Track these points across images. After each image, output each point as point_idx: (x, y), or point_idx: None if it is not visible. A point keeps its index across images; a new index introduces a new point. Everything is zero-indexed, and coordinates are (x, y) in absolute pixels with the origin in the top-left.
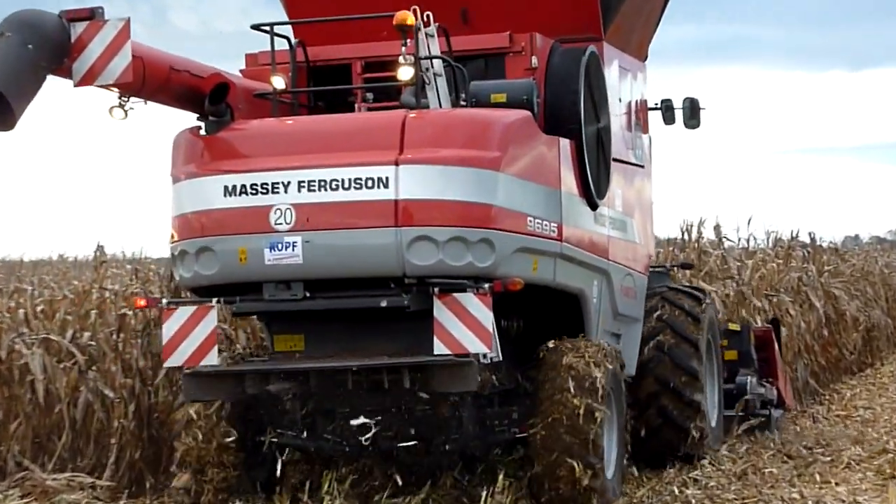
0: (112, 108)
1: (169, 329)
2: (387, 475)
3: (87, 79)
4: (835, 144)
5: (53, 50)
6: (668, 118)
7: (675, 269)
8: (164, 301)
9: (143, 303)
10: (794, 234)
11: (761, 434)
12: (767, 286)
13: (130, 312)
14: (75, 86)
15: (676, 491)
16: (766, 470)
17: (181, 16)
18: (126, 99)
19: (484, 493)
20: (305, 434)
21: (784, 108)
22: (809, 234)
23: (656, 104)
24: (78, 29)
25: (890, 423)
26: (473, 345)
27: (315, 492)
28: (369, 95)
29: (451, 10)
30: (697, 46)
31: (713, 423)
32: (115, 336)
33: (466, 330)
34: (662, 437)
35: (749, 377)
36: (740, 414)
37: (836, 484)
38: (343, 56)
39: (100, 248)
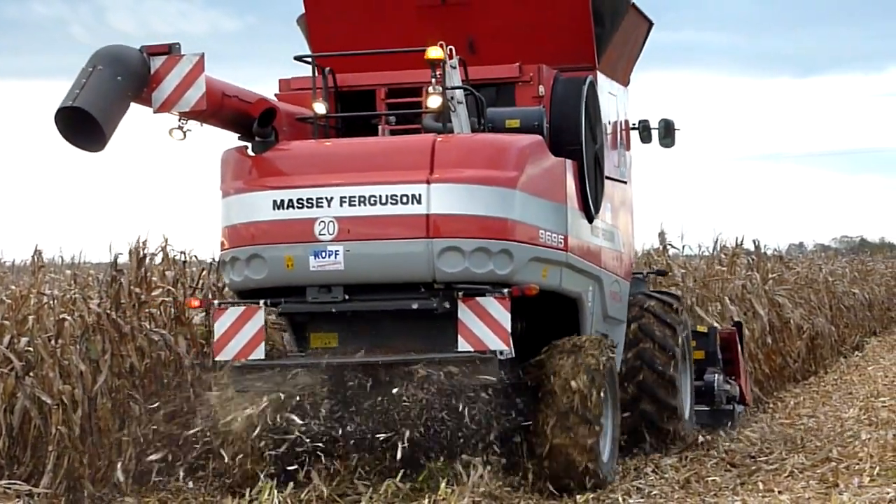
0: (172, 129)
1: (220, 327)
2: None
3: (165, 106)
4: (783, 151)
5: (138, 81)
6: (645, 137)
7: (651, 275)
8: (216, 302)
9: (196, 303)
10: (738, 242)
11: (725, 427)
12: (712, 294)
13: (69, 318)
14: (154, 112)
15: (620, 499)
16: (710, 478)
17: (120, 17)
18: (185, 122)
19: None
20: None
21: (733, 115)
22: (754, 241)
23: (634, 125)
24: (157, 62)
25: (833, 431)
26: (493, 343)
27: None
28: (392, 119)
29: (459, 40)
30: (649, 52)
31: (686, 416)
32: (53, 342)
33: (487, 330)
34: (642, 436)
35: (716, 375)
36: (708, 408)
37: (780, 492)
38: (368, 83)
39: (37, 252)
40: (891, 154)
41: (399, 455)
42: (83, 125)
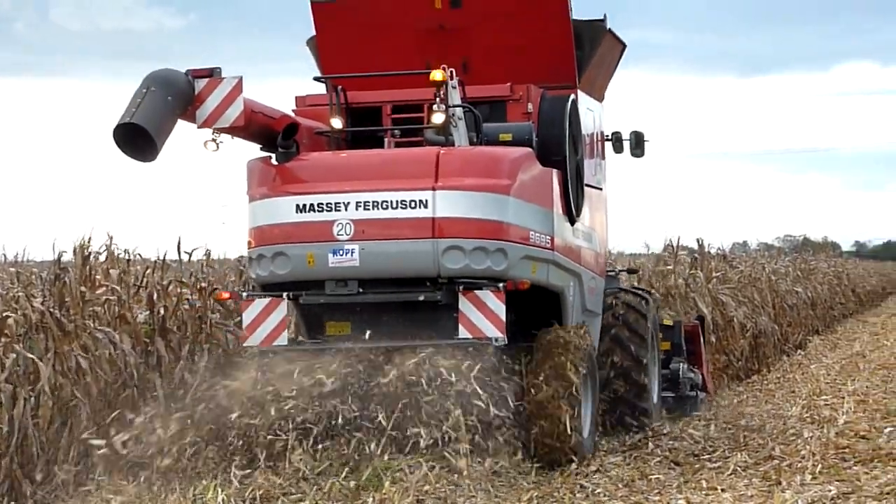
0: (206, 141)
1: (248, 316)
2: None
3: (208, 122)
4: (730, 150)
5: (184, 100)
6: (617, 148)
7: (623, 272)
8: (244, 294)
9: (226, 295)
10: (678, 241)
11: (688, 413)
12: (655, 292)
13: (13, 315)
14: (198, 128)
15: (565, 498)
16: (653, 476)
17: (64, 14)
18: (218, 134)
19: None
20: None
21: (680, 113)
22: (697, 240)
23: (607, 136)
24: (200, 84)
25: (776, 429)
26: (490, 331)
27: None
28: (397, 132)
29: (454, 61)
30: None
31: (654, 400)
32: None
33: (485, 319)
34: (615, 413)
35: (681, 364)
36: (673, 395)
37: (723, 490)
38: (375, 100)
39: None
40: (834, 154)
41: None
42: (138, 139)
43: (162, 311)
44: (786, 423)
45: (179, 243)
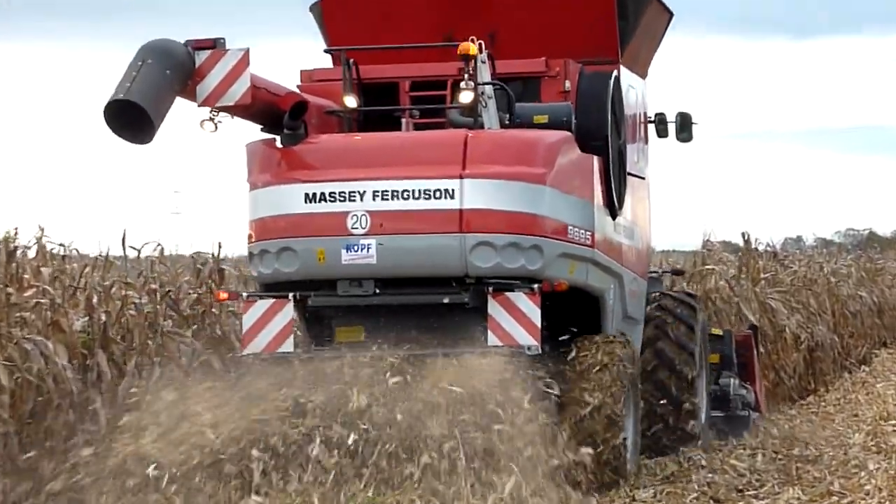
0: (203, 121)
1: (248, 319)
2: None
3: (210, 100)
4: (774, 129)
5: (184, 75)
6: (662, 131)
7: (667, 274)
8: (245, 294)
9: (225, 296)
10: (718, 236)
11: (738, 435)
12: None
13: None
14: (199, 106)
15: None
16: None
17: None
18: (216, 114)
19: None
20: None
21: (716, 85)
22: (743, 234)
23: (650, 118)
24: (202, 56)
25: (835, 460)
26: (523, 338)
27: None
28: (416, 112)
29: (480, 32)
30: None
31: (702, 421)
32: None
33: (517, 325)
34: (659, 438)
35: (731, 379)
36: (722, 414)
37: None
38: (392, 75)
39: None
40: None
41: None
42: (132, 118)
43: (103, 318)
44: (847, 453)
45: (124, 237)
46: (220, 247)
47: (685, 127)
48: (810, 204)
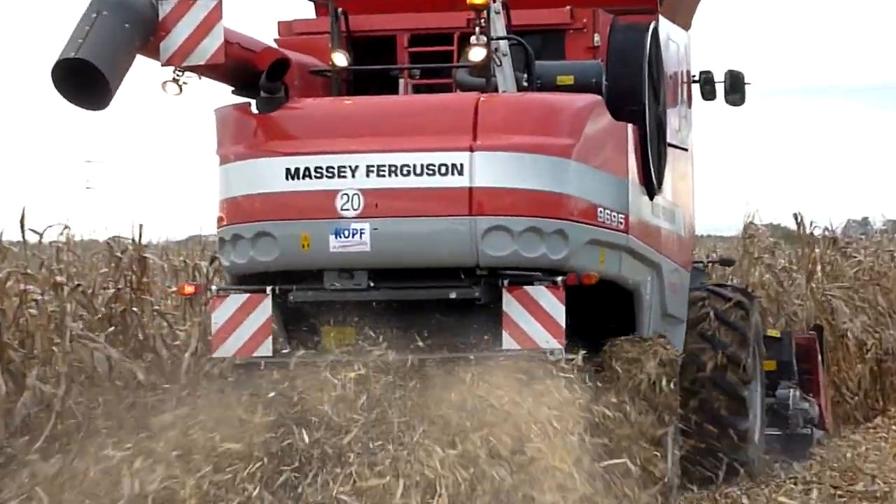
0: (166, 82)
1: (219, 318)
2: None
3: (176, 58)
4: (835, 83)
5: (145, 28)
6: (708, 93)
7: (714, 264)
8: (214, 288)
9: (191, 289)
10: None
11: (799, 457)
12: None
13: None
14: (162, 65)
15: None
16: None
17: None
18: (181, 74)
19: None
20: None
21: (762, 31)
22: (795, 216)
23: (695, 77)
24: (166, 7)
25: None
26: (545, 340)
27: None
28: (416, 72)
29: None
30: None
31: (756, 441)
32: None
33: (537, 324)
34: (703, 464)
35: (791, 390)
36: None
37: None
38: (387, 27)
39: None
40: None
41: None
42: (85, 80)
43: None
44: None
45: (23, 217)
46: (141, 230)
47: (736, 87)
48: (879, 178)
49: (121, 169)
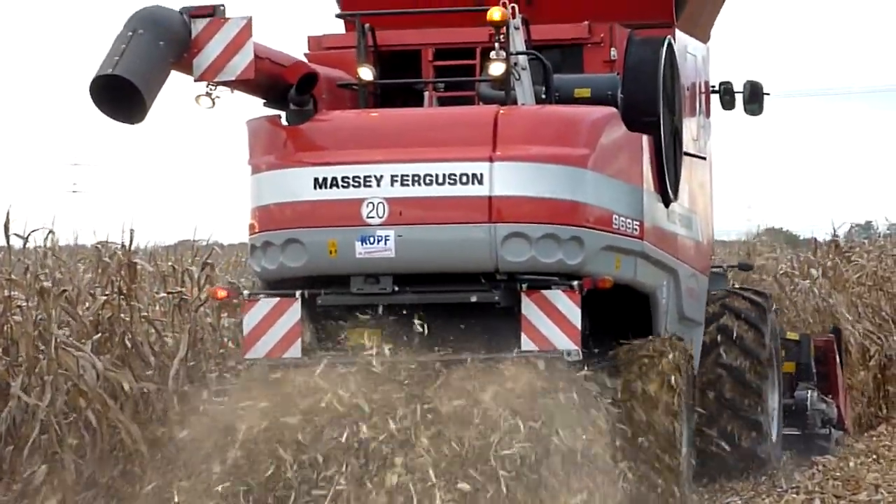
0: (199, 96)
1: (250, 321)
2: None
3: (209, 74)
4: (836, 85)
5: (179, 46)
6: (728, 103)
7: (733, 269)
8: (246, 292)
9: (223, 294)
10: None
11: (817, 456)
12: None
13: None
14: (195, 80)
15: None
16: None
17: None
18: (213, 88)
19: None
20: None
21: (770, 30)
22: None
23: (714, 87)
24: (199, 25)
25: None
26: (562, 342)
27: None
28: (440, 85)
29: None
30: None
31: (773, 440)
32: None
33: (555, 327)
34: (722, 458)
35: (809, 392)
36: (798, 432)
37: None
38: (413, 42)
39: None
40: None
41: None
42: (122, 95)
43: None
44: None
45: (7, 221)
46: (131, 235)
47: (755, 97)
48: (883, 180)
49: (109, 172)
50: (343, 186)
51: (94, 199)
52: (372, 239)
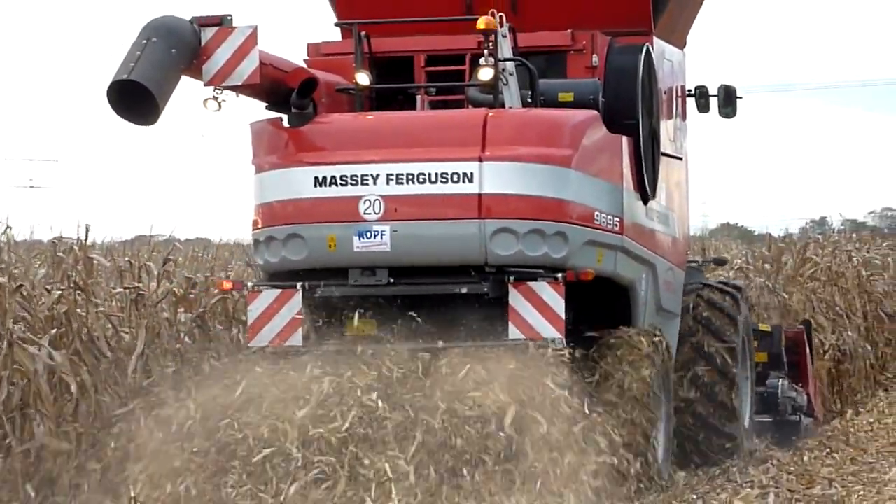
0: (206, 100)
1: (254, 311)
2: None
3: (217, 79)
4: (791, 80)
5: (190, 53)
6: (703, 106)
7: (708, 264)
8: (250, 284)
9: (228, 285)
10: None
11: (788, 441)
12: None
13: None
14: (204, 85)
15: None
16: None
17: None
18: (220, 92)
19: None
20: None
21: (724, 28)
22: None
23: (690, 91)
24: (208, 34)
25: (866, 501)
26: (546, 330)
27: None
28: (432, 90)
29: (502, 3)
30: None
31: (746, 426)
32: None
33: (540, 317)
34: (697, 440)
35: (780, 380)
36: (770, 419)
37: None
38: (405, 49)
39: None
40: None
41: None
42: (136, 99)
43: None
44: (881, 493)
45: None
46: (87, 230)
47: (729, 101)
48: (836, 177)
49: (65, 168)
50: (342, 184)
51: (50, 194)
52: (369, 234)
